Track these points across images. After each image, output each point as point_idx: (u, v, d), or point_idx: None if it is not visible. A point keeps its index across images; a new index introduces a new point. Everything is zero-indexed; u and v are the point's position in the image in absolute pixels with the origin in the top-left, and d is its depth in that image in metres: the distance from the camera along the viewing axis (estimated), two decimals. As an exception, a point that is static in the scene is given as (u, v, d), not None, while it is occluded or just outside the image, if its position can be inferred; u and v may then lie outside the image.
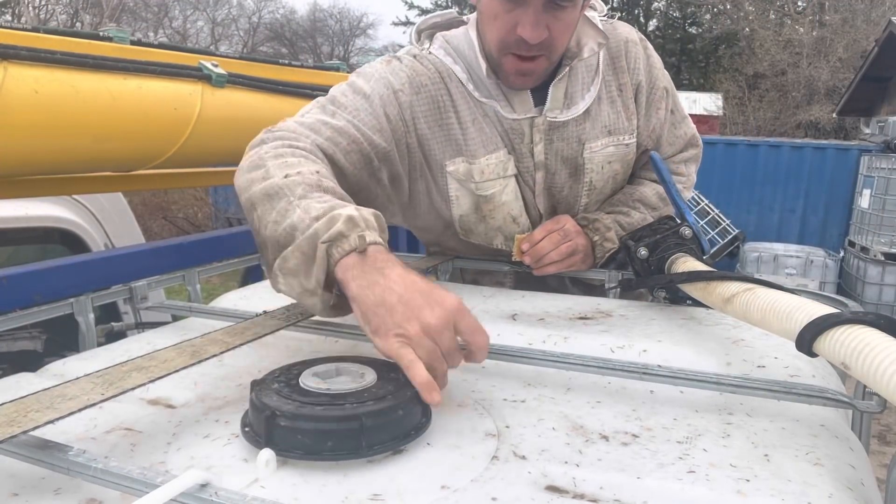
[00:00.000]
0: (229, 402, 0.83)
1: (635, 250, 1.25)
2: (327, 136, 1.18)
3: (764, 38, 18.38)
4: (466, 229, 1.45)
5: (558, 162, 1.39)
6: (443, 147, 1.34)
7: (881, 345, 0.63)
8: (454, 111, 1.34)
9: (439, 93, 1.33)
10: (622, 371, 0.86)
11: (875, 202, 7.22)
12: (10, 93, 1.06)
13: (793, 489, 0.63)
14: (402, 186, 1.36)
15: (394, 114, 1.29)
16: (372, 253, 0.85)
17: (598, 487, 0.64)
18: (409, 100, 1.31)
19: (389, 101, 1.29)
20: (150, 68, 1.31)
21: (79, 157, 1.25)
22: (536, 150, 1.37)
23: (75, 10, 18.91)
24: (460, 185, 1.37)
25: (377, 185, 1.29)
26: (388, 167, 1.30)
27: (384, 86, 1.29)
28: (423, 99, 1.32)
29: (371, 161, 1.24)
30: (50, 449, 0.61)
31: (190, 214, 10.73)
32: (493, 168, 1.35)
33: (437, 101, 1.33)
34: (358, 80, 1.31)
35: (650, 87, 1.45)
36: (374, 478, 0.65)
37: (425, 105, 1.32)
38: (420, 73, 1.33)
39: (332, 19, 30.32)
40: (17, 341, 1.85)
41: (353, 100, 1.26)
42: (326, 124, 1.20)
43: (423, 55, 1.37)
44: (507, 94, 1.34)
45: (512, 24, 1.20)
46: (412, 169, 1.36)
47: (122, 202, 2.43)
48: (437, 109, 1.33)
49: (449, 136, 1.34)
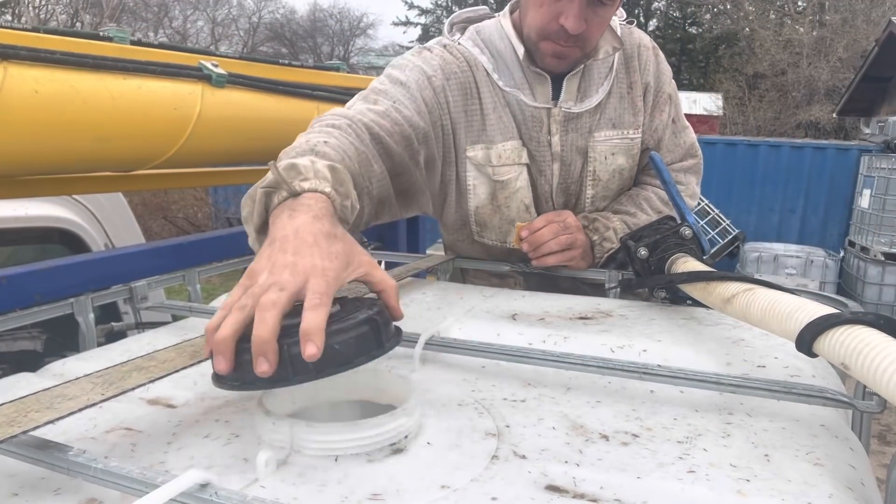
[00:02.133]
0: (229, 402, 0.83)
1: (635, 250, 1.25)
2: (371, 118, 1.21)
3: (764, 38, 18.38)
4: (481, 224, 1.49)
5: (573, 153, 1.46)
6: (466, 133, 1.41)
7: (881, 345, 0.63)
8: (479, 98, 1.41)
9: (467, 80, 1.41)
10: (622, 371, 0.86)
11: (875, 202, 7.22)
12: (10, 93, 1.06)
13: (793, 489, 0.63)
14: (435, 171, 1.42)
15: (429, 97, 1.35)
16: (302, 199, 0.81)
17: (598, 487, 0.64)
18: (441, 84, 1.38)
19: (425, 86, 1.35)
20: (150, 68, 1.31)
21: (79, 157, 1.25)
22: (553, 141, 1.44)
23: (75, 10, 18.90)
24: (478, 172, 1.43)
25: (416, 167, 1.32)
26: (425, 149, 1.34)
27: (418, 73, 1.37)
28: (454, 84, 1.40)
29: (412, 142, 1.28)
30: (50, 449, 0.61)
31: (190, 214, 10.73)
32: (509, 154, 1.42)
33: (465, 88, 1.40)
34: (393, 72, 1.38)
35: (656, 90, 1.52)
36: (373, 477, 0.65)
37: (455, 90, 1.40)
38: (449, 62, 1.41)
39: (332, 19, 30.32)
40: (17, 341, 1.85)
41: (392, 88, 1.33)
42: (370, 110, 1.23)
43: (452, 45, 1.44)
44: (531, 83, 1.41)
45: (555, 13, 1.29)
46: (445, 152, 1.42)
47: (122, 202, 2.43)
48: (465, 95, 1.41)
49: (472, 122, 1.41)
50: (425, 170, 1.37)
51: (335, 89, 1.86)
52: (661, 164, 1.37)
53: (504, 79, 1.42)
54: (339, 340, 0.67)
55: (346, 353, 0.68)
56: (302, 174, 0.86)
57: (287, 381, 0.67)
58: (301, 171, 0.86)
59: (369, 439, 0.68)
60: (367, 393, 0.84)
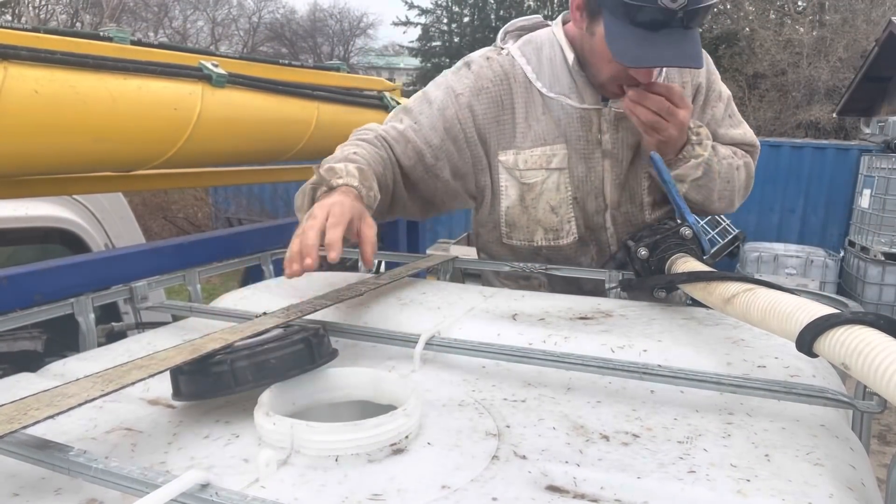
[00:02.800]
0: (229, 402, 0.84)
1: (635, 250, 1.25)
2: (392, 136, 1.47)
3: (764, 38, 18.37)
4: (511, 224, 1.56)
5: (624, 149, 1.49)
6: (498, 140, 1.50)
7: (881, 345, 0.63)
8: (512, 108, 1.49)
9: (500, 92, 1.49)
10: (622, 371, 0.86)
11: (875, 202, 7.22)
12: (10, 93, 1.06)
13: (793, 489, 0.63)
14: (468, 179, 1.54)
15: (451, 115, 1.48)
16: (337, 191, 1.17)
17: (599, 487, 0.64)
18: (467, 101, 1.49)
19: (449, 104, 1.49)
20: (150, 68, 1.31)
21: (79, 157, 1.25)
22: (604, 139, 1.48)
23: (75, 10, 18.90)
24: (509, 175, 1.51)
25: (435, 179, 1.51)
26: (448, 163, 1.50)
27: (446, 91, 1.51)
28: (484, 98, 1.49)
29: (424, 157, 1.47)
30: (50, 449, 0.61)
31: (190, 214, 10.72)
32: (536, 159, 1.49)
33: (496, 100, 1.49)
34: (429, 88, 1.56)
35: (707, 89, 1.56)
36: (374, 478, 0.65)
37: (486, 104, 1.49)
38: (483, 77, 1.50)
39: (332, 19, 30.31)
40: (17, 341, 1.85)
41: (418, 106, 1.52)
42: (393, 128, 1.49)
43: (494, 58, 1.52)
44: (580, 87, 1.46)
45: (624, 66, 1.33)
46: (476, 161, 1.52)
47: (122, 202, 2.43)
48: (497, 107, 1.49)
49: (503, 130, 1.50)
50: (453, 179, 1.52)
51: (335, 89, 1.86)
52: (660, 165, 1.37)
53: (549, 85, 1.47)
54: (276, 356, 0.81)
55: (282, 366, 0.81)
56: (337, 174, 1.21)
57: (230, 391, 0.79)
58: (337, 172, 1.22)
59: (369, 439, 0.68)
60: (367, 393, 0.84)
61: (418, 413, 0.75)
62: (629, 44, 1.29)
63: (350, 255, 1.64)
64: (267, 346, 0.82)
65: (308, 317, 1.02)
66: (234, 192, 10.15)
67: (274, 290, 1.35)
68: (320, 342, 0.86)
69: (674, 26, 1.27)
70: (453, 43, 27.06)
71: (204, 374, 0.80)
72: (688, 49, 1.30)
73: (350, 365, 0.92)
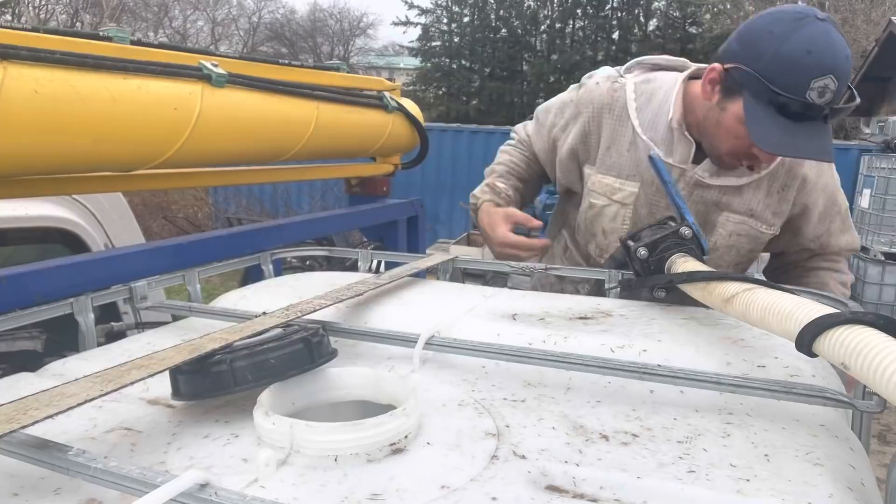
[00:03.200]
0: (229, 401, 0.84)
1: (635, 250, 1.25)
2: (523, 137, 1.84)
3: (764, 37, 18.35)
4: (579, 226, 1.71)
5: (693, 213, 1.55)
6: (583, 156, 1.66)
7: (881, 345, 0.63)
8: (598, 133, 1.62)
9: (591, 116, 1.62)
10: (622, 371, 0.86)
11: (875, 202, 7.21)
12: (10, 93, 1.06)
13: (793, 489, 0.63)
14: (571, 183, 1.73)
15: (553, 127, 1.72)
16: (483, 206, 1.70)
17: (598, 487, 0.64)
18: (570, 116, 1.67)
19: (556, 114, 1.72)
20: (150, 68, 1.30)
21: (79, 157, 1.25)
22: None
23: (75, 10, 18.88)
24: (585, 186, 1.67)
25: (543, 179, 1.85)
26: (551, 167, 1.77)
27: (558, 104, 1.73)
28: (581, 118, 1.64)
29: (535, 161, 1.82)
30: (50, 449, 0.61)
31: (190, 214, 10.71)
32: (604, 187, 1.61)
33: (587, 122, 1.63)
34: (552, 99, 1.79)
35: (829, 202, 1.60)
36: (373, 477, 0.65)
37: (579, 123, 1.64)
38: (583, 102, 1.64)
39: (332, 19, 30.29)
40: (17, 341, 1.85)
41: (541, 115, 1.79)
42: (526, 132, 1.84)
43: (606, 84, 1.61)
44: (674, 142, 1.51)
45: (749, 144, 1.36)
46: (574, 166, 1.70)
47: (122, 202, 2.43)
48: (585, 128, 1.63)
49: (588, 150, 1.65)
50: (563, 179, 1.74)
51: (335, 89, 1.86)
52: (660, 165, 1.37)
53: (646, 128, 1.54)
54: (275, 356, 0.81)
55: (281, 366, 0.81)
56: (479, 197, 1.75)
57: (230, 391, 0.79)
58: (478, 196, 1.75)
59: (369, 439, 0.68)
60: (366, 393, 0.84)
61: (418, 413, 0.75)
62: (770, 131, 1.31)
63: (350, 255, 1.64)
64: (266, 346, 0.82)
65: (308, 317, 1.02)
66: (234, 192, 10.15)
67: (274, 290, 1.35)
68: (320, 342, 0.86)
69: (815, 119, 1.30)
70: (453, 43, 27.05)
71: (203, 374, 0.80)
72: (825, 143, 1.33)
73: (350, 365, 0.92)
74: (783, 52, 1.27)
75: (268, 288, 1.38)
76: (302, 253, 2.38)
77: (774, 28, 1.30)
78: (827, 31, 1.28)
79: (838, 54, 1.28)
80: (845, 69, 1.29)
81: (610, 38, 26.23)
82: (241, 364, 0.80)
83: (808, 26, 1.28)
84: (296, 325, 0.92)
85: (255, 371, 0.80)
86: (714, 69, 1.41)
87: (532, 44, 26.87)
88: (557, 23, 26.37)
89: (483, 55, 26.96)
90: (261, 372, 0.80)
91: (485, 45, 27.01)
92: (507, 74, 26.53)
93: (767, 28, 1.32)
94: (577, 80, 1.75)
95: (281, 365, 0.81)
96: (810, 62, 1.26)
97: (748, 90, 1.33)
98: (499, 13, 27.06)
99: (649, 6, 25.97)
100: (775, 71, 1.28)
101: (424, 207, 2.44)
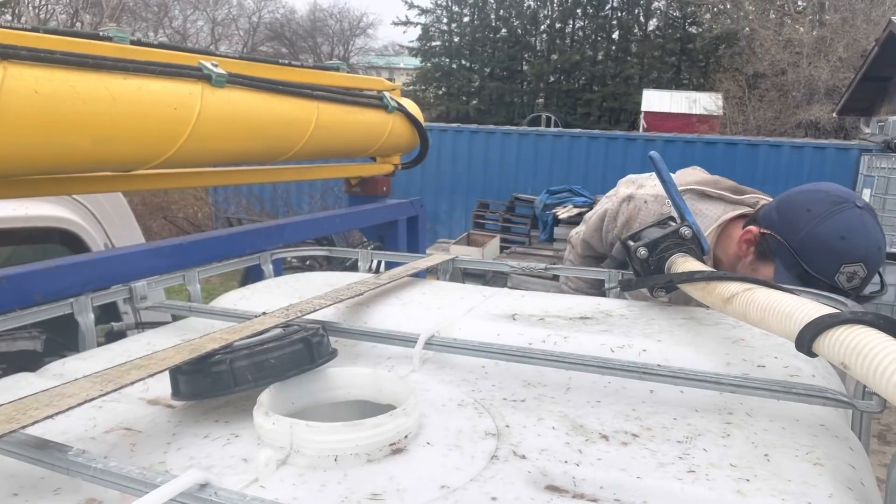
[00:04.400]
0: (229, 402, 0.84)
1: (635, 250, 1.25)
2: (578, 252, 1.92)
3: (764, 37, 18.36)
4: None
5: None
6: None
7: (881, 345, 0.63)
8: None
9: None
10: (622, 371, 0.86)
11: (875, 202, 7.21)
12: (10, 93, 1.06)
13: (793, 489, 0.63)
14: None
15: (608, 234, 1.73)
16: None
17: (598, 487, 0.64)
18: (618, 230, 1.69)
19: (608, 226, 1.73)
20: (150, 68, 1.30)
21: (79, 157, 1.25)
22: None
23: (75, 10, 18.88)
24: None
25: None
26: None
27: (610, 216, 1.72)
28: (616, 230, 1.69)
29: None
30: (50, 449, 0.61)
31: (190, 214, 10.72)
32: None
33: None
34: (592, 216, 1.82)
35: None
36: (373, 477, 0.65)
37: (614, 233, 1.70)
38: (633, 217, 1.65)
39: (332, 19, 30.30)
40: (17, 341, 1.85)
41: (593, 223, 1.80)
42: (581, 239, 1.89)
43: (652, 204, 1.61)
44: None
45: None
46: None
47: (122, 202, 2.43)
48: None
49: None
50: None
51: (335, 89, 1.86)
52: (660, 164, 1.36)
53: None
54: (276, 356, 0.81)
55: (281, 366, 0.81)
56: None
57: (229, 391, 0.79)
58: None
59: (369, 439, 0.68)
60: (366, 393, 0.84)
61: (417, 413, 0.75)
62: None
63: (350, 255, 1.64)
64: (266, 346, 0.82)
65: (308, 317, 1.02)
66: (234, 192, 10.15)
67: (274, 290, 1.35)
68: (320, 342, 0.86)
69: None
70: (453, 43, 27.07)
71: (203, 374, 0.80)
72: None
73: (350, 365, 0.92)
74: (818, 234, 1.31)
75: (268, 288, 1.38)
76: (302, 253, 2.37)
77: (814, 207, 1.34)
78: (863, 219, 1.31)
79: (871, 244, 1.30)
80: (876, 259, 1.31)
81: (610, 38, 26.25)
82: (241, 364, 0.80)
83: (845, 211, 1.31)
84: (296, 325, 0.92)
85: (255, 371, 0.80)
86: (751, 231, 1.44)
87: (532, 44, 26.88)
88: (557, 23, 26.37)
89: (483, 55, 26.97)
90: (261, 372, 0.80)
91: (485, 45, 27.02)
92: (507, 74, 26.55)
93: (806, 206, 1.36)
94: (577, 79, 1.74)
95: (281, 365, 0.81)
96: (843, 248, 1.29)
97: (780, 260, 1.36)
98: (499, 13, 27.06)
99: (649, 6, 25.99)
100: (808, 250, 1.32)
101: (424, 207, 2.44)
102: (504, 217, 9.16)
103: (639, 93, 21.95)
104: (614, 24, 26.25)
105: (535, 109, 24.26)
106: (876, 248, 1.31)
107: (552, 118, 20.71)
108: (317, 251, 1.87)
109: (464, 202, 10.00)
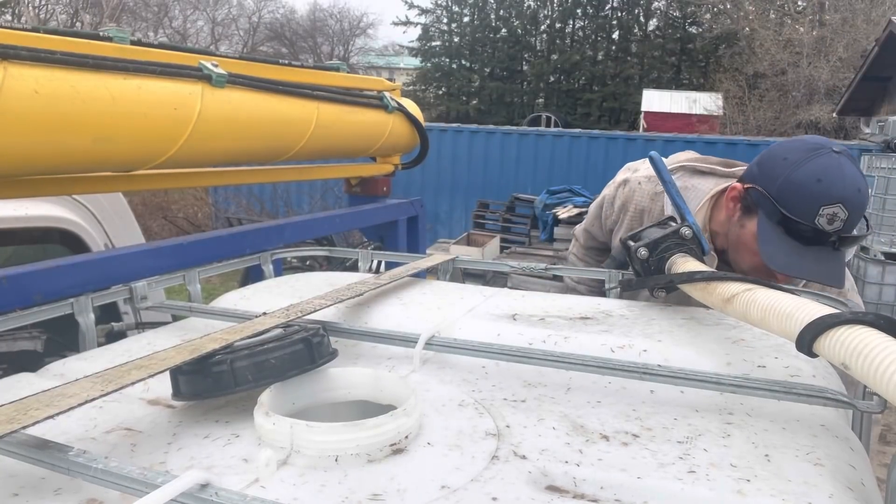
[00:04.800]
0: (229, 402, 0.84)
1: (635, 250, 1.25)
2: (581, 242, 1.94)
3: (764, 37, 18.36)
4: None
5: None
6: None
7: (881, 345, 0.63)
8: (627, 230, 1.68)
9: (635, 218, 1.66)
10: (622, 371, 0.86)
11: (875, 202, 7.21)
12: (10, 93, 1.06)
13: (793, 489, 0.63)
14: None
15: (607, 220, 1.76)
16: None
17: (599, 487, 0.64)
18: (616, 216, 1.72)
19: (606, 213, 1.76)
20: (150, 68, 1.30)
21: (79, 157, 1.25)
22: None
23: (75, 10, 18.88)
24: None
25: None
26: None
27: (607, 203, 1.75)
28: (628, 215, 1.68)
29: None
30: (50, 449, 0.61)
31: (190, 214, 10.71)
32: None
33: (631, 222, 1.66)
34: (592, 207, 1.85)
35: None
36: (373, 478, 0.65)
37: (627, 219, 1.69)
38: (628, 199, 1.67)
39: (332, 19, 30.30)
40: (17, 341, 1.85)
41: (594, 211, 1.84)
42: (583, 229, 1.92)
43: (646, 185, 1.64)
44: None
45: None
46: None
47: (122, 202, 2.43)
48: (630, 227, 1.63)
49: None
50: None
51: (335, 89, 1.86)
52: (660, 164, 1.37)
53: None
54: (276, 356, 0.81)
55: (281, 366, 0.81)
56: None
57: (230, 391, 0.79)
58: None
59: (369, 439, 0.68)
60: (367, 393, 0.84)
61: (418, 413, 0.75)
62: (780, 250, 1.35)
63: (350, 255, 1.64)
64: (267, 346, 0.82)
65: (308, 317, 1.02)
66: (234, 192, 10.15)
67: (274, 290, 1.35)
68: (320, 342, 0.86)
69: (824, 245, 1.33)
70: (453, 43, 27.07)
71: (204, 374, 0.80)
72: (834, 268, 1.35)
73: (350, 365, 0.92)
74: (794, 178, 1.33)
75: (268, 288, 1.38)
76: (302, 253, 2.38)
77: (790, 155, 1.36)
78: (840, 162, 1.32)
79: (849, 185, 1.31)
80: (856, 200, 1.32)
81: (610, 37, 26.25)
82: (241, 364, 0.80)
83: (821, 157, 1.33)
84: (296, 326, 0.92)
85: (256, 371, 0.80)
86: (735, 188, 1.46)
87: (532, 44, 26.88)
88: (557, 23, 26.38)
89: (483, 55, 26.97)
90: (261, 372, 0.80)
91: (485, 45, 27.02)
92: (507, 74, 26.55)
93: (783, 154, 1.37)
94: (577, 79, 1.75)
95: (281, 365, 0.81)
96: (819, 190, 1.30)
97: (763, 210, 1.38)
98: (499, 13, 27.06)
99: (649, 6, 25.99)
100: (786, 195, 1.33)
101: (424, 207, 2.44)
102: (504, 217, 9.16)
103: (639, 93, 21.96)
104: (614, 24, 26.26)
105: (535, 109, 24.26)
106: (855, 190, 1.31)
107: (552, 118, 20.70)
108: (317, 251, 1.87)
109: (464, 202, 10.00)
